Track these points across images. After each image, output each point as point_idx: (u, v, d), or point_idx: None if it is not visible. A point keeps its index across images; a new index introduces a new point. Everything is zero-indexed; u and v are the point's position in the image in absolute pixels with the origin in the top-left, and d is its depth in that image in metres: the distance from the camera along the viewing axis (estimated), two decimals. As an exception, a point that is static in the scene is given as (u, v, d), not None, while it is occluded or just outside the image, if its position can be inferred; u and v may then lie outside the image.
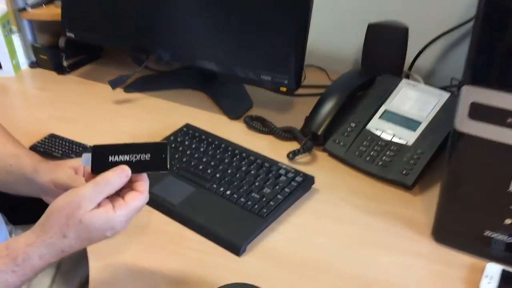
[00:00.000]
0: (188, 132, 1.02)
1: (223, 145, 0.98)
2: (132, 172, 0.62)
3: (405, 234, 0.81)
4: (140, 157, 0.61)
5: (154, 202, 0.84)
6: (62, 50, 1.31)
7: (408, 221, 0.84)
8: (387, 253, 0.78)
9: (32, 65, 1.36)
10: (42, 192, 0.77)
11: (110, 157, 0.61)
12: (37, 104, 1.20)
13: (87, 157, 0.62)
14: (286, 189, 0.87)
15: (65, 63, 1.32)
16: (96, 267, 0.76)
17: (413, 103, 0.97)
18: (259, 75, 1.03)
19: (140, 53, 1.21)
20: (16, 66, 1.32)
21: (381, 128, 0.96)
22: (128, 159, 0.61)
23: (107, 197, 0.61)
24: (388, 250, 0.78)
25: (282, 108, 1.16)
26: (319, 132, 0.99)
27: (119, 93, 1.23)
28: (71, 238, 0.59)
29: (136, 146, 0.61)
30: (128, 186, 0.62)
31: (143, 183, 0.63)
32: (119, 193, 0.62)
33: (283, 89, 1.01)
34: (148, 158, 0.61)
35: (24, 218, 1.01)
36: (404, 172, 0.89)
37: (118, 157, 0.61)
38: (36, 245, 0.59)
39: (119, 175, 0.60)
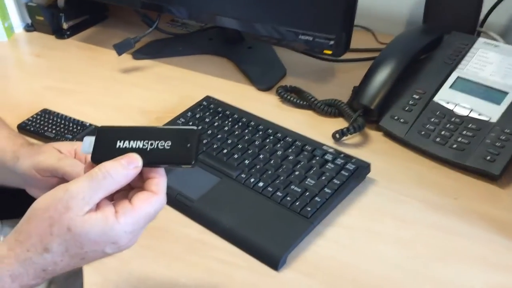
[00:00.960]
0: (209, 106, 0.83)
1: (252, 123, 0.78)
2: (144, 164, 0.45)
3: (495, 240, 0.62)
4: (157, 144, 0.45)
5: (167, 196, 0.65)
6: (62, 10, 1.14)
7: (495, 222, 0.64)
8: (475, 269, 0.58)
9: (27, 28, 1.19)
10: (25, 183, 0.62)
11: (118, 142, 0.46)
12: (32, 73, 1.02)
13: (89, 141, 0.47)
14: (335, 180, 0.68)
15: (65, 26, 1.14)
16: (92, 284, 0.58)
17: (494, 68, 0.76)
18: (297, 34, 0.82)
19: (151, 10, 1.01)
20: (9, 29, 1.15)
21: (453, 100, 0.76)
22: (141, 146, 0.45)
23: (109, 198, 0.45)
24: (475, 265, 0.59)
25: (321, 77, 0.96)
26: (373, 106, 0.78)
27: (127, 60, 1.04)
28: (55, 253, 0.42)
29: (154, 131, 0.46)
30: (139, 185, 0.46)
31: (159, 180, 0.46)
32: (126, 194, 0.46)
33: (327, 52, 0.80)
34: (168, 147, 0.45)
35: (15, 211, 0.85)
36: (487, 157, 0.69)
37: (129, 143, 0.45)
38: (7, 261, 0.42)
39: (125, 165, 0.44)
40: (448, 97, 0.76)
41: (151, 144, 0.45)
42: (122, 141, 0.46)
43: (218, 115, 0.81)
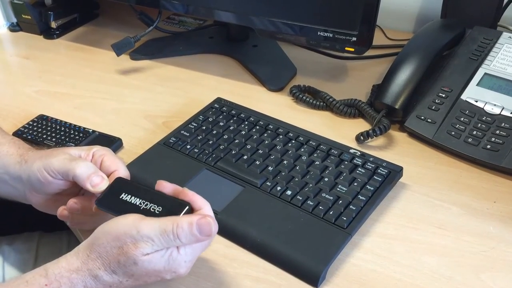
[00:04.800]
0: (221, 109, 0.78)
1: (270, 126, 0.73)
2: None
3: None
4: (151, 207, 0.50)
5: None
6: (50, 8, 1.07)
7: (540, 227, 0.61)
8: (529, 278, 0.55)
9: (13, 27, 1.11)
10: (29, 187, 0.57)
11: (123, 194, 0.52)
12: (22, 77, 0.95)
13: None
14: (368, 187, 0.63)
15: (53, 25, 1.07)
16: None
17: (523, 63, 0.73)
18: (316, 31, 0.77)
19: (147, 6, 0.95)
20: (-7, 30, 1.06)
21: (482, 98, 0.72)
22: (137, 203, 0.50)
23: None
24: (528, 274, 0.55)
25: (334, 76, 0.92)
26: (397, 106, 0.74)
27: (124, 60, 0.97)
28: (121, 276, 0.47)
29: (155, 194, 0.51)
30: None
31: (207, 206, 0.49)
32: None
33: (350, 49, 0.75)
34: (158, 212, 0.49)
35: (9, 227, 0.79)
36: (525, 158, 0.65)
37: (130, 198, 0.51)
38: (81, 273, 0.47)
39: (197, 236, 0.46)
40: (476, 95, 0.73)
41: (146, 205, 0.50)
42: (126, 195, 0.51)
43: (233, 118, 0.76)
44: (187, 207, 0.48)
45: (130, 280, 0.47)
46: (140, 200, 0.50)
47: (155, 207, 0.49)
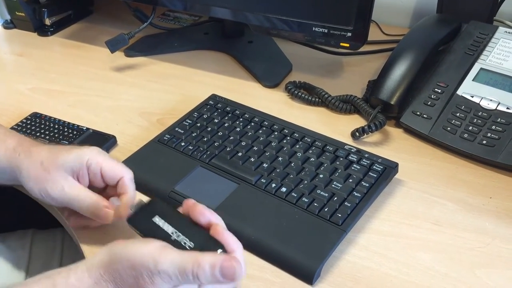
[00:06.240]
0: (216, 105, 0.77)
1: (265, 122, 0.73)
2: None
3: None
4: (183, 239, 0.46)
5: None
6: (44, 5, 1.06)
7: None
8: (525, 274, 0.54)
9: (7, 25, 1.10)
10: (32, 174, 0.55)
11: (157, 217, 0.49)
12: (15, 74, 0.94)
13: (138, 204, 0.52)
14: (363, 183, 0.63)
15: (48, 22, 1.06)
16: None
17: (519, 58, 0.73)
18: (311, 27, 0.76)
19: (143, 3, 0.94)
20: (-14, 27, 1.06)
21: (477, 93, 0.72)
22: (169, 232, 0.47)
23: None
24: (524, 270, 0.55)
25: (329, 71, 0.91)
26: (393, 101, 0.74)
27: (118, 57, 0.97)
28: None
29: (190, 227, 0.48)
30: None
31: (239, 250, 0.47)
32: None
33: (345, 45, 0.75)
34: (189, 248, 0.46)
35: (1, 224, 0.79)
36: (521, 153, 0.65)
37: (163, 224, 0.48)
38: None
39: (219, 278, 0.43)
40: (472, 90, 0.72)
41: (178, 236, 0.47)
42: (160, 219, 0.48)
43: (227, 115, 0.75)
44: (221, 251, 0.45)
45: None
46: (173, 229, 0.47)
47: (186, 241, 0.46)
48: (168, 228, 0.47)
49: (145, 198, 0.52)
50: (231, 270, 0.43)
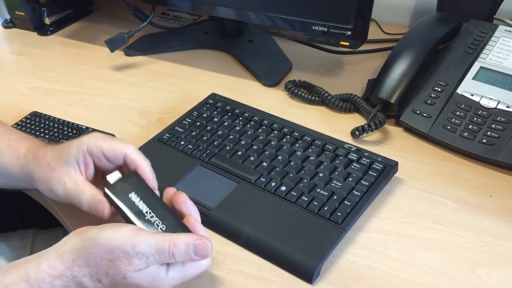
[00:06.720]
0: (216, 104, 0.77)
1: (265, 121, 0.73)
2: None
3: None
4: (155, 221, 0.49)
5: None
6: (43, 5, 1.06)
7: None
8: (524, 273, 0.54)
9: (7, 24, 1.10)
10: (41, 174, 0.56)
11: (133, 193, 0.50)
12: (15, 74, 0.94)
13: (117, 175, 0.53)
14: (363, 182, 0.63)
15: (47, 21, 1.06)
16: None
17: (519, 57, 0.73)
18: (310, 25, 0.76)
19: (145, 2, 0.94)
20: (-14, 26, 1.06)
21: (477, 92, 0.72)
22: (143, 211, 0.49)
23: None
24: (524, 269, 0.55)
25: (329, 70, 0.91)
26: (393, 100, 0.74)
27: (118, 56, 0.97)
28: (104, 285, 0.46)
29: (165, 209, 0.50)
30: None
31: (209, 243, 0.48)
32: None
33: (344, 43, 0.75)
34: (160, 230, 0.48)
35: (3, 224, 0.79)
36: (521, 152, 0.65)
37: (138, 201, 0.50)
38: (64, 279, 0.46)
39: (193, 256, 0.47)
40: (472, 89, 0.72)
41: (152, 217, 0.48)
42: (135, 195, 0.49)
43: (227, 114, 0.75)
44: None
45: None
46: (148, 208, 0.49)
47: (159, 223, 0.48)
48: (143, 207, 0.49)
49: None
50: (203, 247, 0.46)
